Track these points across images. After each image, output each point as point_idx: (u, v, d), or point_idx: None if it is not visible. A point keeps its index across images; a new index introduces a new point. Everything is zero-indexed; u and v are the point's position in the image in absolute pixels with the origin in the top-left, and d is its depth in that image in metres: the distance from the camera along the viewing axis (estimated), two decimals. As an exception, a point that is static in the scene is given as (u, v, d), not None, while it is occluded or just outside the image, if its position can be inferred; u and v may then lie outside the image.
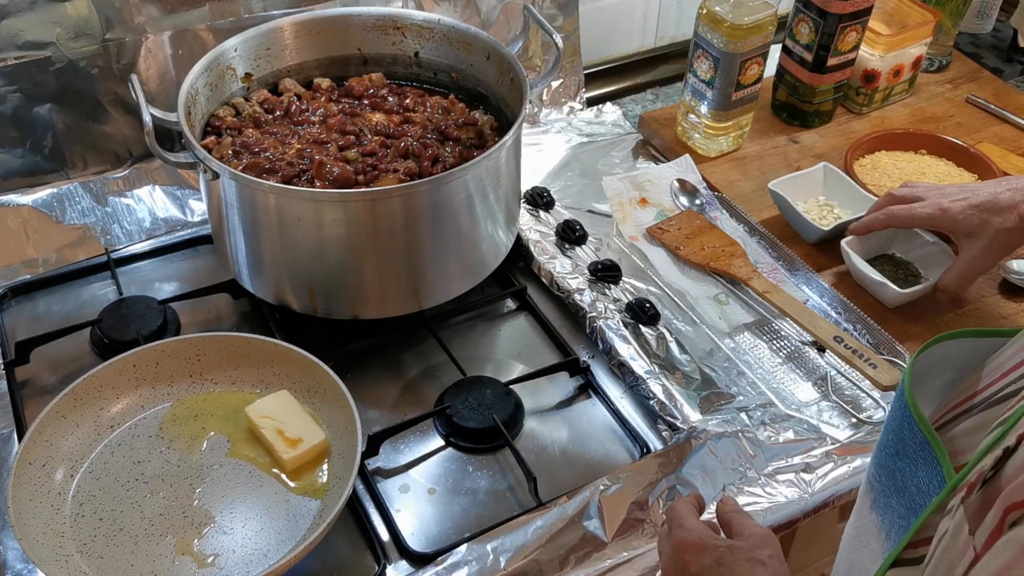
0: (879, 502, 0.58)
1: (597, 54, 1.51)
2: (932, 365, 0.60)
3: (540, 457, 0.94)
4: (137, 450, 0.90)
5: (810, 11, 1.27)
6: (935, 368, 0.60)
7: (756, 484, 0.90)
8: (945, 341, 0.59)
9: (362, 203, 0.93)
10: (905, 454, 0.55)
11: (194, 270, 1.13)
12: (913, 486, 0.53)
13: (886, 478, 0.57)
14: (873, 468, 0.60)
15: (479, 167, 0.96)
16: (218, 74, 1.07)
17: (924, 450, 0.52)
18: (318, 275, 0.99)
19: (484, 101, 1.14)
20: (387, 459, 0.93)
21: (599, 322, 1.05)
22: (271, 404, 0.91)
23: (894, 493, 0.56)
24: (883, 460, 0.58)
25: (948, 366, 0.60)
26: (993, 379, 0.54)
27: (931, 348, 0.59)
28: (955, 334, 0.60)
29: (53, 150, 1.16)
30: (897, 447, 0.56)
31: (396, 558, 0.85)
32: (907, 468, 0.54)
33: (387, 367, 1.03)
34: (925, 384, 0.60)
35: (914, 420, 0.54)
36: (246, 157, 1.01)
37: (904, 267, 1.12)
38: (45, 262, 1.11)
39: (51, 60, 1.11)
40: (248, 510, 0.85)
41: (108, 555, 0.81)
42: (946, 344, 0.59)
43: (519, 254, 1.15)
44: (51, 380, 1.00)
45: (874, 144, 1.29)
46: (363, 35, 1.16)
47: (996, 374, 0.54)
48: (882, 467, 0.58)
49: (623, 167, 1.30)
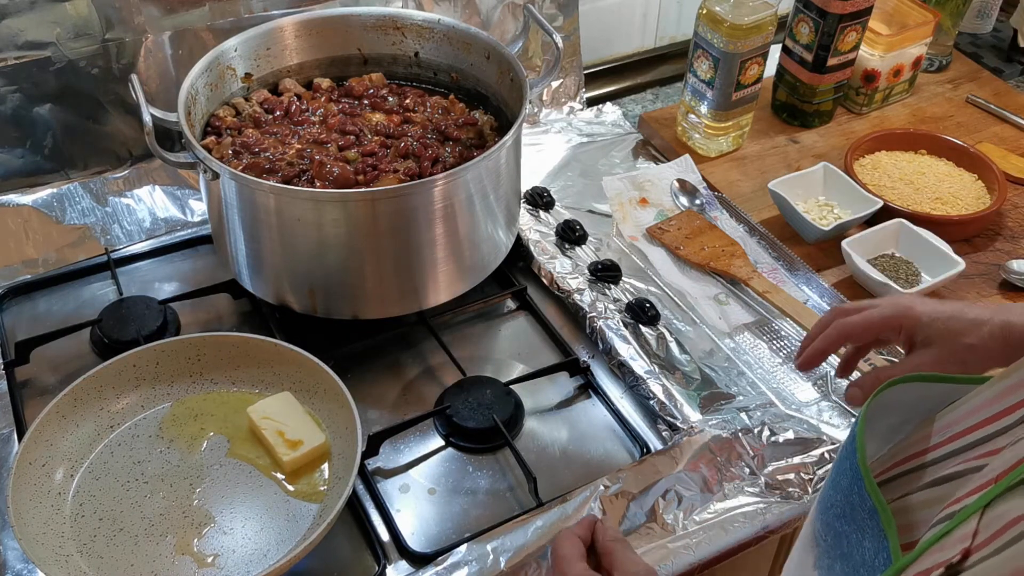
0: (823, 562, 0.56)
1: (597, 54, 1.51)
2: (881, 408, 0.58)
3: (540, 457, 0.94)
4: (137, 450, 0.90)
5: (810, 11, 1.27)
6: (884, 411, 0.58)
7: (756, 484, 0.90)
8: (896, 386, 0.57)
9: (362, 203, 0.93)
10: (853, 518, 0.52)
11: (194, 270, 1.13)
12: (858, 556, 0.51)
13: (832, 539, 0.55)
14: (819, 524, 0.57)
15: (479, 167, 0.96)
16: (218, 74, 1.07)
17: (872, 519, 0.50)
18: (318, 275, 0.99)
19: (484, 101, 1.14)
20: (387, 459, 0.93)
21: (599, 322, 1.05)
22: (273, 405, 0.91)
23: (839, 557, 0.54)
24: (829, 519, 0.56)
25: (897, 410, 0.58)
26: (944, 439, 0.53)
27: (881, 394, 0.57)
28: (907, 379, 0.57)
29: (53, 150, 1.17)
30: (845, 509, 0.53)
31: (396, 558, 0.85)
32: (853, 535, 0.52)
33: (387, 367, 1.03)
34: (872, 424, 0.58)
35: (864, 486, 0.51)
36: (246, 157, 1.01)
37: (905, 267, 1.12)
38: (45, 262, 1.11)
39: (51, 60, 1.11)
40: (248, 510, 0.85)
41: (108, 555, 0.81)
42: (896, 388, 0.57)
43: (519, 254, 1.15)
44: (51, 380, 1.00)
45: (874, 144, 1.29)
46: (363, 35, 1.16)
47: (947, 433, 0.53)
48: (828, 526, 0.56)
49: (623, 167, 1.30)
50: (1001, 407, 0.50)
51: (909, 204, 1.20)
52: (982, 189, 1.23)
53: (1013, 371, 0.51)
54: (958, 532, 0.42)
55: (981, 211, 1.19)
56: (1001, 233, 1.21)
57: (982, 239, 1.20)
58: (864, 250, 1.12)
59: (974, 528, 0.42)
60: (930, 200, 1.22)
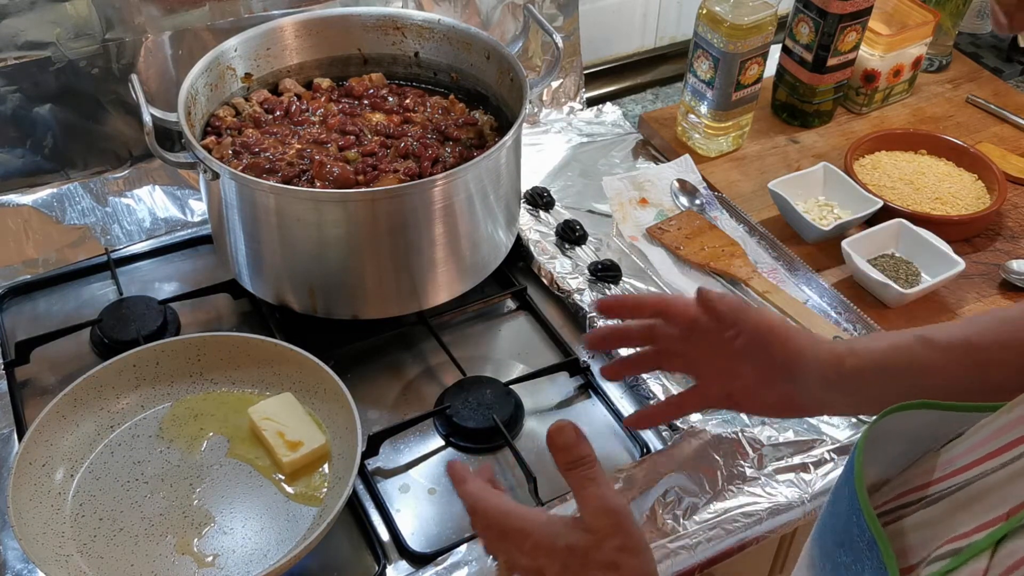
0: None
1: (597, 54, 1.51)
2: (883, 435, 0.56)
3: (540, 457, 0.94)
4: (137, 450, 0.90)
5: (810, 11, 1.27)
6: (886, 437, 0.57)
7: (756, 484, 0.90)
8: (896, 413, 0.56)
9: (362, 203, 0.93)
10: (851, 547, 0.51)
11: (194, 270, 1.13)
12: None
13: (830, 568, 0.54)
14: (816, 550, 0.56)
15: (479, 167, 0.96)
16: (218, 74, 1.07)
17: (872, 550, 0.49)
18: (318, 275, 0.99)
19: (484, 101, 1.14)
20: (387, 459, 0.93)
21: (599, 322, 1.05)
22: (274, 406, 0.91)
23: None
24: (827, 547, 0.55)
25: (900, 438, 0.57)
26: (947, 472, 0.52)
27: (881, 422, 0.56)
28: (906, 406, 0.56)
29: (53, 150, 1.16)
30: (843, 537, 0.52)
31: (396, 558, 0.85)
32: (852, 564, 0.51)
33: (387, 367, 1.03)
34: (874, 452, 0.56)
35: (863, 516, 0.50)
36: (246, 157, 1.01)
37: (905, 267, 1.12)
38: (45, 262, 1.11)
39: (51, 60, 1.11)
40: (248, 510, 0.85)
41: (108, 555, 0.81)
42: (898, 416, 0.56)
43: (519, 254, 1.15)
44: (51, 380, 1.00)
45: (874, 144, 1.29)
46: (363, 35, 1.16)
47: (950, 468, 0.52)
48: (826, 554, 0.55)
49: (623, 167, 1.30)
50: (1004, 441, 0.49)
51: (909, 204, 1.20)
52: (982, 189, 1.23)
53: (1016, 405, 0.50)
54: (966, 569, 0.42)
55: (981, 211, 1.19)
56: (1001, 233, 1.21)
57: (982, 239, 1.20)
58: (864, 250, 1.12)
59: (985, 566, 0.41)
60: (930, 200, 1.22)
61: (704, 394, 0.77)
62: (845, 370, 0.69)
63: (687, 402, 0.79)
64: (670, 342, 0.76)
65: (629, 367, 0.84)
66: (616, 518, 0.58)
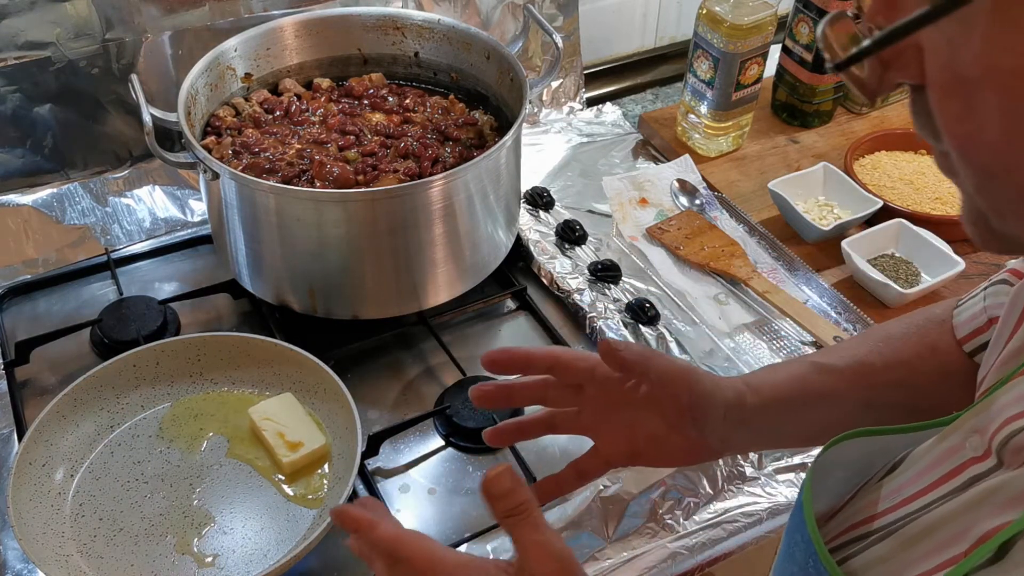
0: None
1: (597, 54, 1.51)
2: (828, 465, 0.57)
3: (540, 457, 0.94)
4: (137, 450, 0.90)
5: (810, 11, 1.27)
6: (830, 467, 0.57)
7: (756, 484, 0.90)
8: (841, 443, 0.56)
9: (362, 203, 0.93)
10: None
11: (194, 270, 1.13)
12: None
13: None
14: None
15: (479, 167, 0.96)
16: (218, 74, 1.07)
17: None
18: (318, 275, 0.99)
19: (484, 101, 1.14)
20: (387, 459, 0.93)
21: (599, 322, 1.05)
22: (274, 406, 0.91)
23: None
24: None
25: (841, 465, 0.57)
26: (892, 505, 0.52)
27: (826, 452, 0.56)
28: (849, 435, 0.56)
29: (53, 150, 1.16)
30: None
31: (396, 558, 0.85)
32: None
33: (387, 367, 1.03)
34: (819, 483, 0.56)
35: (820, 559, 0.50)
36: (246, 157, 1.01)
37: (905, 267, 1.12)
38: (45, 262, 1.11)
39: (51, 60, 1.11)
40: (248, 510, 0.85)
41: (108, 555, 0.81)
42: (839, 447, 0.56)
43: (519, 254, 1.15)
44: (51, 380, 1.00)
45: (874, 144, 1.29)
46: (363, 35, 1.16)
47: (896, 498, 0.52)
48: None
49: (623, 167, 1.30)
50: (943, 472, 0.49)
51: (909, 204, 1.20)
52: (982, 189, 1.23)
53: (949, 434, 0.51)
54: None
55: (981, 211, 1.18)
56: (1001, 233, 1.21)
57: (982, 239, 1.20)
58: (864, 250, 1.12)
59: None
60: (930, 200, 1.22)
61: (607, 454, 0.71)
62: (747, 408, 0.67)
63: (590, 468, 0.72)
64: (564, 399, 0.71)
65: (514, 434, 0.75)
66: (562, 563, 0.55)
